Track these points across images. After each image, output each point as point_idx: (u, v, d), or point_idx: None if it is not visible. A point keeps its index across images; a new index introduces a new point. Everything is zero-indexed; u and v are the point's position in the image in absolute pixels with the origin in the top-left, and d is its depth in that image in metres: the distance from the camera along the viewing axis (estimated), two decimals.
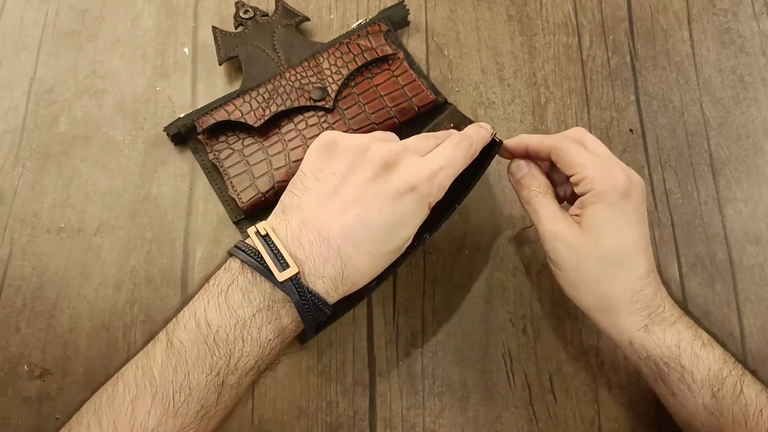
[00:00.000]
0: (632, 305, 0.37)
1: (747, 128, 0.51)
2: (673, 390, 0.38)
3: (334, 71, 0.49)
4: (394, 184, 0.34)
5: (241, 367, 0.33)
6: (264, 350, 0.33)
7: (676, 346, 0.37)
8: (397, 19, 0.53)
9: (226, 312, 0.33)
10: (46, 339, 0.45)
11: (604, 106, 0.52)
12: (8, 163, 0.50)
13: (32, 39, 0.54)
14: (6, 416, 0.43)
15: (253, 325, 0.33)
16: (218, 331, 0.32)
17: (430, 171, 0.35)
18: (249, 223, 0.47)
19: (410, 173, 0.35)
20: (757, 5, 0.55)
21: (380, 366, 0.45)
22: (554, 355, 0.45)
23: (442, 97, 0.50)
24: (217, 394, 0.32)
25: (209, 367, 0.32)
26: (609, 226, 0.37)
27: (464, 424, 0.43)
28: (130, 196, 0.49)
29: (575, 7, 0.55)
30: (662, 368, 0.37)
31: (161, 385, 0.32)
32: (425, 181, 0.35)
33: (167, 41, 0.54)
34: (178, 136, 0.49)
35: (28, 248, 0.47)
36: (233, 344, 0.32)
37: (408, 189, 0.34)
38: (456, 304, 0.46)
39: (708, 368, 0.36)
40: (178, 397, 0.31)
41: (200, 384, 0.32)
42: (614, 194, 0.36)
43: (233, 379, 0.33)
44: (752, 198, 0.49)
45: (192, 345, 0.32)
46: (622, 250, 0.37)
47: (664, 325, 0.37)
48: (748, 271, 0.47)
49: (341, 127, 0.48)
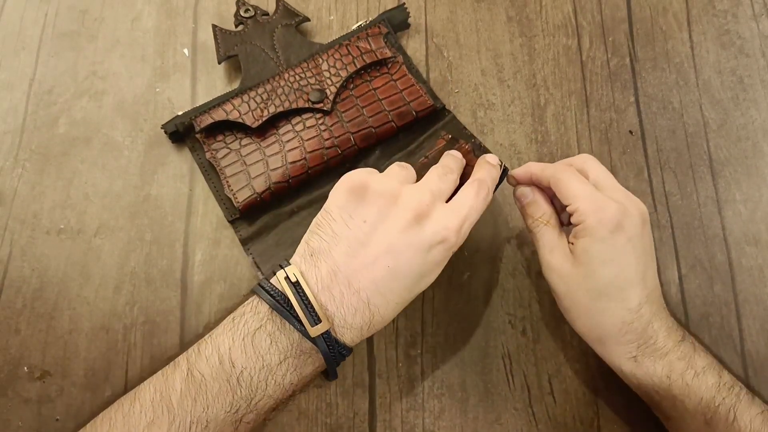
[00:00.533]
0: (622, 336, 0.37)
1: (746, 130, 0.51)
2: (667, 415, 0.38)
3: (333, 73, 0.49)
4: (427, 236, 0.35)
5: (261, 406, 0.34)
6: (285, 393, 0.34)
7: (667, 377, 0.37)
8: (397, 21, 0.53)
9: (252, 355, 0.33)
10: (45, 340, 0.45)
11: (603, 108, 0.52)
12: (8, 164, 0.50)
13: (32, 40, 0.54)
14: (6, 417, 0.43)
15: (278, 371, 0.33)
16: (242, 373, 0.33)
17: (458, 223, 0.36)
18: (244, 222, 0.47)
19: (441, 226, 0.35)
20: (756, 6, 0.55)
21: (380, 367, 0.45)
22: (554, 356, 0.45)
23: (441, 103, 0.50)
24: (233, 428, 0.33)
25: (229, 404, 0.33)
26: (597, 261, 0.37)
27: (464, 426, 0.43)
28: (130, 198, 0.49)
29: (575, 8, 0.55)
30: (654, 396, 0.38)
31: (179, 414, 0.32)
32: (454, 233, 0.36)
33: (167, 42, 0.54)
34: (176, 134, 0.49)
35: (28, 249, 0.47)
36: (256, 387, 0.33)
37: (439, 241, 0.35)
38: (455, 306, 0.46)
39: (699, 398, 0.36)
40: (195, 428, 0.32)
41: (218, 418, 0.32)
42: (602, 229, 0.36)
43: (251, 417, 0.34)
44: (751, 199, 0.49)
45: (214, 381, 0.33)
46: (612, 283, 0.37)
47: (655, 356, 0.37)
48: (748, 272, 0.47)
49: (339, 130, 0.48)
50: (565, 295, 0.39)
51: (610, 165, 0.50)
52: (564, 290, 0.39)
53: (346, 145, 0.48)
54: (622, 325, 0.37)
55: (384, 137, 0.49)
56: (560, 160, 0.50)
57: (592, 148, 0.50)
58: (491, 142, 0.51)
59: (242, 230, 0.47)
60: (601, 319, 0.38)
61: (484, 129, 0.51)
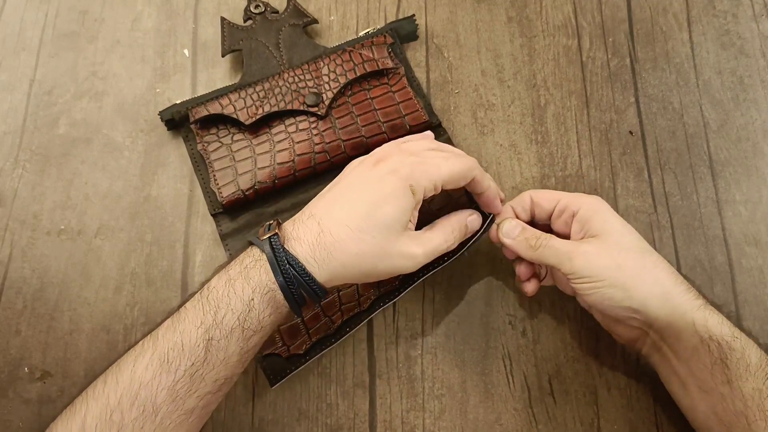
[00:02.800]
0: (680, 285, 0.39)
1: (746, 130, 0.51)
2: (728, 378, 0.37)
3: (332, 78, 0.49)
4: (378, 170, 0.38)
5: (226, 322, 0.35)
6: (245, 307, 0.35)
7: (730, 327, 0.37)
8: (405, 32, 0.53)
9: (224, 276, 0.36)
10: (46, 341, 0.45)
11: (603, 108, 0.52)
12: (8, 164, 0.50)
13: (32, 40, 0.54)
14: (7, 418, 0.43)
15: (237, 281, 0.36)
16: (212, 290, 0.36)
17: (414, 159, 0.38)
18: (226, 217, 0.48)
19: (395, 161, 0.38)
20: (756, 7, 0.55)
21: (380, 368, 0.45)
22: (554, 357, 0.45)
23: (437, 120, 0.50)
24: (205, 350, 0.35)
25: (200, 321, 0.35)
26: (618, 224, 0.40)
27: (464, 426, 0.43)
28: (130, 198, 0.49)
29: (575, 8, 0.55)
30: (724, 349, 0.37)
31: (161, 343, 0.35)
32: (407, 166, 0.38)
33: (167, 43, 0.54)
34: (171, 122, 0.50)
35: (29, 250, 0.48)
36: (220, 300, 0.35)
37: (389, 171, 0.38)
38: (456, 307, 0.46)
39: (759, 353, 0.37)
40: (172, 353, 0.34)
41: (191, 339, 0.35)
42: (601, 204, 0.41)
43: (219, 335, 0.35)
44: (751, 200, 0.49)
45: (192, 307, 0.36)
46: (642, 241, 0.40)
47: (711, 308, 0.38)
48: (748, 273, 0.47)
49: (331, 136, 0.48)
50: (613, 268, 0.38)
51: (610, 165, 0.50)
52: (610, 263, 0.38)
53: (336, 152, 0.48)
54: (674, 275, 0.39)
55: (375, 148, 0.48)
56: (559, 163, 0.50)
57: (592, 148, 0.50)
58: (491, 143, 0.51)
59: (224, 225, 0.47)
60: (659, 272, 0.39)
61: (484, 129, 0.51)
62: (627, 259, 0.38)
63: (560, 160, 0.50)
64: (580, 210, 0.40)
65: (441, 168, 0.38)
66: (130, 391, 0.34)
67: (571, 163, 0.50)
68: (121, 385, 0.34)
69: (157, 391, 0.34)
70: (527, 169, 0.50)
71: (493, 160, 0.50)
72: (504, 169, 0.50)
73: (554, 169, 0.50)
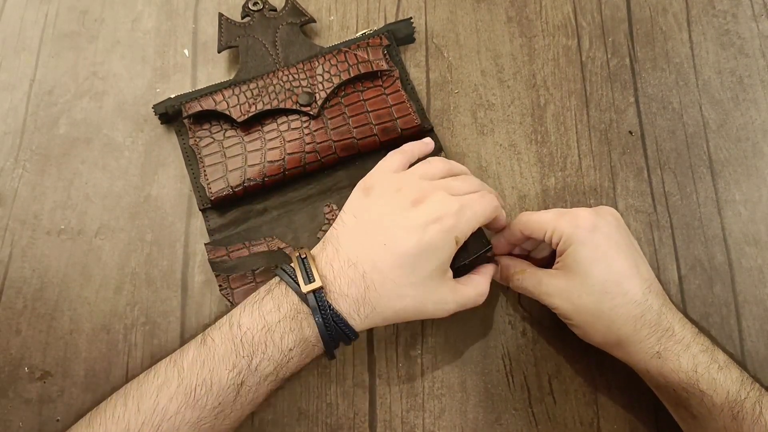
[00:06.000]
0: (638, 332, 0.37)
1: (746, 130, 0.51)
2: (693, 414, 0.38)
3: (326, 78, 0.49)
4: (420, 215, 0.37)
5: (261, 370, 0.35)
6: (284, 357, 0.35)
7: (693, 371, 0.37)
8: (402, 35, 0.53)
9: (257, 317, 0.36)
10: (46, 341, 0.45)
11: (603, 108, 0.52)
12: (8, 164, 0.50)
13: (32, 40, 0.54)
14: (7, 418, 0.43)
15: (277, 330, 0.35)
16: (246, 333, 0.35)
17: (457, 206, 0.37)
18: (215, 213, 0.48)
19: (436, 207, 0.37)
20: (756, 7, 0.55)
21: (380, 368, 0.45)
22: (554, 357, 0.45)
23: (429, 124, 0.50)
24: (235, 393, 0.34)
25: (232, 364, 0.34)
26: (587, 262, 0.38)
27: (464, 426, 0.43)
28: (131, 198, 0.49)
29: (575, 8, 0.55)
30: (681, 394, 0.37)
31: (187, 376, 0.34)
32: (451, 215, 0.37)
33: (167, 43, 0.54)
34: (165, 116, 0.50)
35: (29, 250, 0.48)
36: (257, 346, 0.35)
37: (433, 220, 0.37)
38: None
39: (726, 392, 0.36)
40: (200, 390, 0.34)
41: (222, 380, 0.34)
42: (581, 232, 0.38)
43: (252, 381, 0.35)
44: (751, 200, 0.49)
45: (221, 343, 0.35)
46: (608, 279, 0.38)
47: (678, 349, 0.37)
48: (747, 273, 0.47)
49: (322, 136, 0.48)
50: (573, 312, 0.39)
51: (609, 165, 0.50)
52: (569, 307, 0.39)
53: (327, 153, 0.48)
54: (635, 320, 0.37)
55: (366, 150, 0.48)
56: (559, 163, 0.50)
57: (591, 148, 0.50)
58: (491, 143, 0.51)
59: (212, 220, 0.48)
60: (614, 320, 0.38)
61: (484, 129, 0.51)
62: (586, 302, 0.38)
63: (560, 160, 0.50)
64: (560, 241, 0.40)
65: (477, 213, 0.38)
66: (152, 421, 0.34)
67: (571, 163, 0.50)
68: (143, 414, 0.34)
69: (180, 425, 0.34)
70: (527, 168, 0.50)
71: (492, 160, 0.50)
72: (504, 169, 0.50)
73: (554, 169, 0.50)
